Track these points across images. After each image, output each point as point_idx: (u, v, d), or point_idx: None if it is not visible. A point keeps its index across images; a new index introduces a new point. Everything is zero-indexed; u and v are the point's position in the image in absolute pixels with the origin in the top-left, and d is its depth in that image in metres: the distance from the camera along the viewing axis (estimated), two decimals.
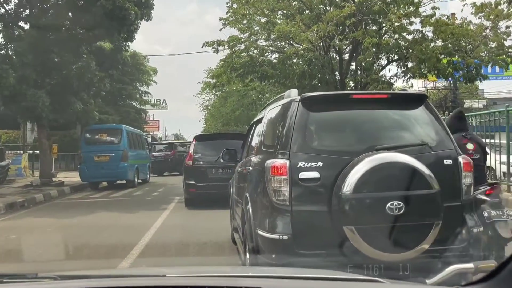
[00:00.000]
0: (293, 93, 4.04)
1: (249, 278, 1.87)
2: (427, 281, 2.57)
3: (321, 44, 21.93)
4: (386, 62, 21.11)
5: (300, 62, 22.11)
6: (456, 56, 19.98)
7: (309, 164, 3.46)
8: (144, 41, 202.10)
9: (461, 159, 3.63)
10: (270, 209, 3.56)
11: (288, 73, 20.74)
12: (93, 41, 14.64)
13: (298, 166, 3.46)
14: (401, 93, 4.44)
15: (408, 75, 20.69)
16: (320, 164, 3.46)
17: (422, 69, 19.17)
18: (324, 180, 3.44)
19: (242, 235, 4.49)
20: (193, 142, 11.32)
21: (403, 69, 20.96)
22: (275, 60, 21.50)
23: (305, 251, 3.38)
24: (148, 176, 19.34)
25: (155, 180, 20.79)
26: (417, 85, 32.48)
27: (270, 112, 4.48)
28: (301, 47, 19.87)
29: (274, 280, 1.77)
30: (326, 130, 3.87)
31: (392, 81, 20.89)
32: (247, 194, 4.23)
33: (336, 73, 21.84)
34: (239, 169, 5.38)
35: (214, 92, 48.62)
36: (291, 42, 21.39)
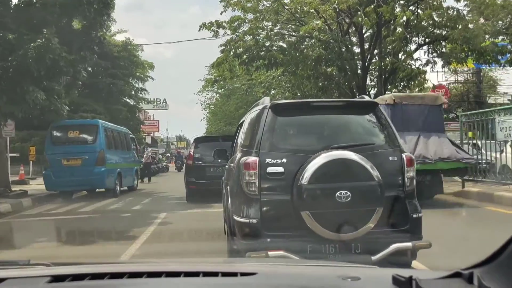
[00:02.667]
0: (266, 101, 4.49)
1: (245, 263, 1.96)
2: (372, 257, 3.59)
3: (335, 27, 18.63)
4: (415, 46, 17.81)
5: (311, 54, 18.80)
6: (501, 37, 16.58)
7: (275, 160, 4.00)
8: (148, 44, 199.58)
9: (404, 156, 4.15)
10: (243, 198, 4.09)
11: (301, 58, 17.39)
12: (56, 12, 11.31)
13: (266, 162, 3.99)
14: (354, 101, 5.35)
15: (443, 61, 17.35)
16: (284, 160, 4.00)
17: (464, 52, 15.79)
18: (287, 173, 3.96)
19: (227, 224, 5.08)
20: (193, 144, 12.50)
21: (436, 54, 17.64)
22: (285, 45, 18.18)
23: (271, 233, 3.90)
24: (135, 182, 16.05)
25: (145, 186, 17.53)
26: (437, 79, 29.13)
27: (249, 116, 4.93)
28: (316, 26, 16.53)
29: (269, 266, 1.79)
30: (290, 132, 4.45)
31: (425, 67, 17.58)
32: (228, 187, 4.92)
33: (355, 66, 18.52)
34: (226, 166, 5.78)
35: (215, 90, 45.50)
36: (303, 23, 18.07)
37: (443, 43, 16.66)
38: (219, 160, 7.19)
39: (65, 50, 11.61)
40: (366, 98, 5.17)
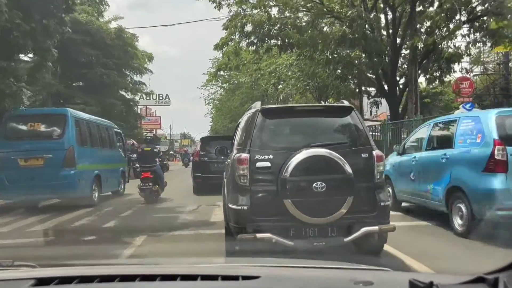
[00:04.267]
0: (258, 105, 5.09)
1: (247, 267, 1.79)
2: (344, 239, 4.31)
3: (358, 3, 15.63)
4: (456, 24, 14.75)
5: (332, 33, 15.82)
6: None
7: (263, 157, 4.56)
8: (153, 42, 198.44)
9: (374, 153, 4.68)
10: (236, 189, 4.63)
11: (321, 37, 14.38)
12: None
13: (256, 158, 4.55)
14: (332, 105, 6.35)
15: (492, 40, 14.23)
16: (271, 156, 4.56)
17: None
18: (273, 167, 4.52)
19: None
20: (199, 143, 14.62)
21: (479, 34, 14.57)
22: (303, 23, 15.15)
23: (259, 218, 4.42)
24: (121, 186, 13.10)
25: (135, 190, 14.46)
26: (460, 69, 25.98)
27: (243, 118, 5.51)
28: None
29: (274, 269, 1.67)
30: (277, 132, 5.00)
31: (471, 48, 14.51)
32: (225, 180, 5.62)
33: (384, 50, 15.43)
34: (225, 162, 6.40)
35: (219, 84, 42.61)
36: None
37: (490, 20, 13.63)
38: (222, 157, 7.49)
39: (19, 16, 8.71)
40: (345, 103, 5.54)
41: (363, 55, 15.78)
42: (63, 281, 1.24)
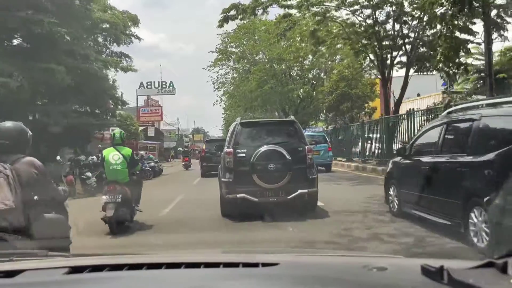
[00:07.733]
0: (238, 119, 8.48)
1: (266, 254, 1.87)
2: (288, 197, 7.57)
3: None
4: None
5: None
6: None
7: (241, 150, 7.74)
8: (168, 40, 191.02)
9: (306, 147, 7.93)
10: (225, 169, 7.80)
11: None
12: None
13: (237, 151, 7.75)
14: (283, 120, 12.13)
15: None
16: (245, 150, 7.74)
17: None
18: (247, 156, 7.66)
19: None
20: (205, 143, 23.31)
21: None
22: None
23: (238, 185, 7.50)
24: None
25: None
26: None
27: (231, 128, 8.84)
28: None
29: (291, 256, 1.74)
30: (249, 136, 8.14)
31: None
32: (220, 165, 8.63)
33: None
34: (221, 155, 9.05)
35: (231, 64, 33.30)
36: None
37: None
38: (219, 152, 11.10)
39: None
40: (292, 117, 9.49)
41: None
42: (94, 269, 1.28)
